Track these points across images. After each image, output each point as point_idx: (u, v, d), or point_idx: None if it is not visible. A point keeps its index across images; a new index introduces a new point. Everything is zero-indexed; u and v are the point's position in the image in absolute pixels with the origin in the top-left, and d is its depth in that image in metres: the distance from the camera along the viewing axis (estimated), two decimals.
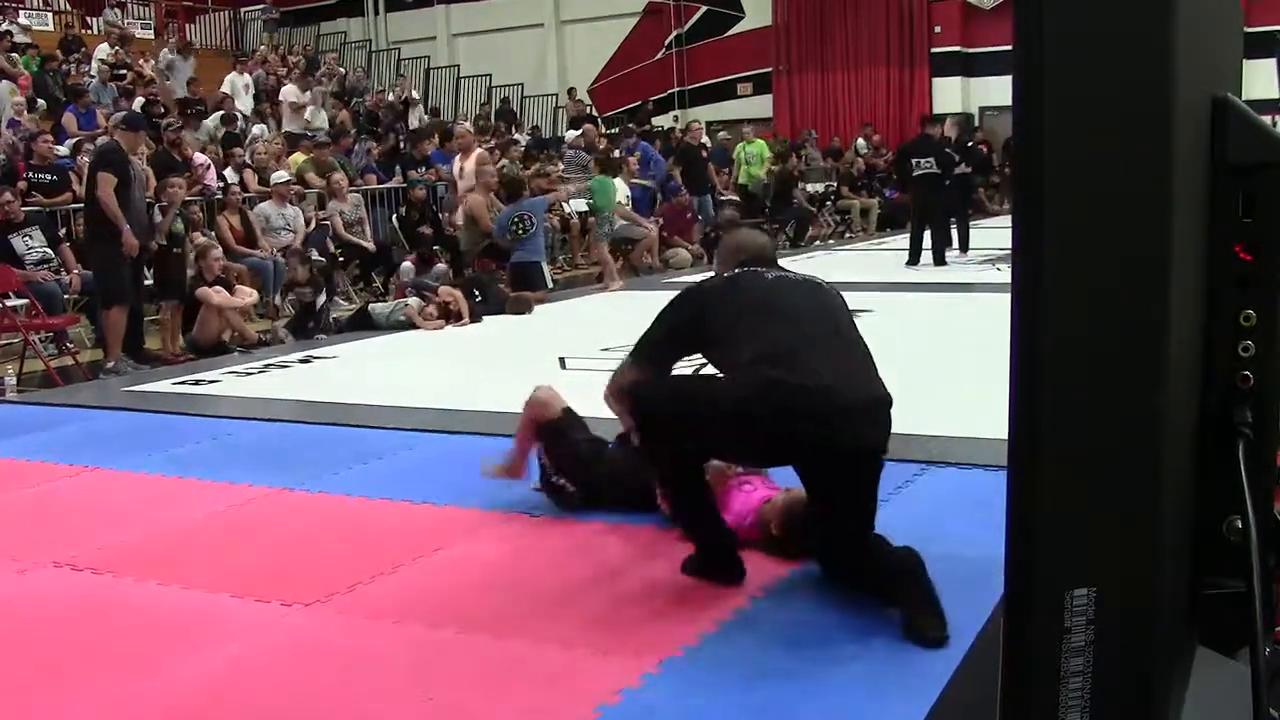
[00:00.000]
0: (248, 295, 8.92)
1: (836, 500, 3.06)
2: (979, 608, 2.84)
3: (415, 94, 18.46)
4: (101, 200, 7.36)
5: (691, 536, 3.25)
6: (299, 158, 12.67)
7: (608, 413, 3.49)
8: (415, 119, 16.93)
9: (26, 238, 8.89)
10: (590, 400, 4.79)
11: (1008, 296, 0.93)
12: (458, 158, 11.68)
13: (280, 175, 11.29)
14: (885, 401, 3.02)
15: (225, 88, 15.31)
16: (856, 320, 3.25)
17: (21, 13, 17.20)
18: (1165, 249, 0.89)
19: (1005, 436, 0.94)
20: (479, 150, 11.25)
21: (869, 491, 3.04)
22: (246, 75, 16.07)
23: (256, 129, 13.73)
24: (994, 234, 13.29)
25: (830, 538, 3.12)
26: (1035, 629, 0.93)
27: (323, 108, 15.32)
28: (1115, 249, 0.89)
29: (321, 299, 9.23)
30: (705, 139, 15.70)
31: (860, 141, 19.48)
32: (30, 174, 9.82)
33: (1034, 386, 0.91)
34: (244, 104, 15.00)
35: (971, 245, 12.52)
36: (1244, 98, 1.12)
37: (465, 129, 12.89)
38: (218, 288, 8.38)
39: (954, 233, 12.33)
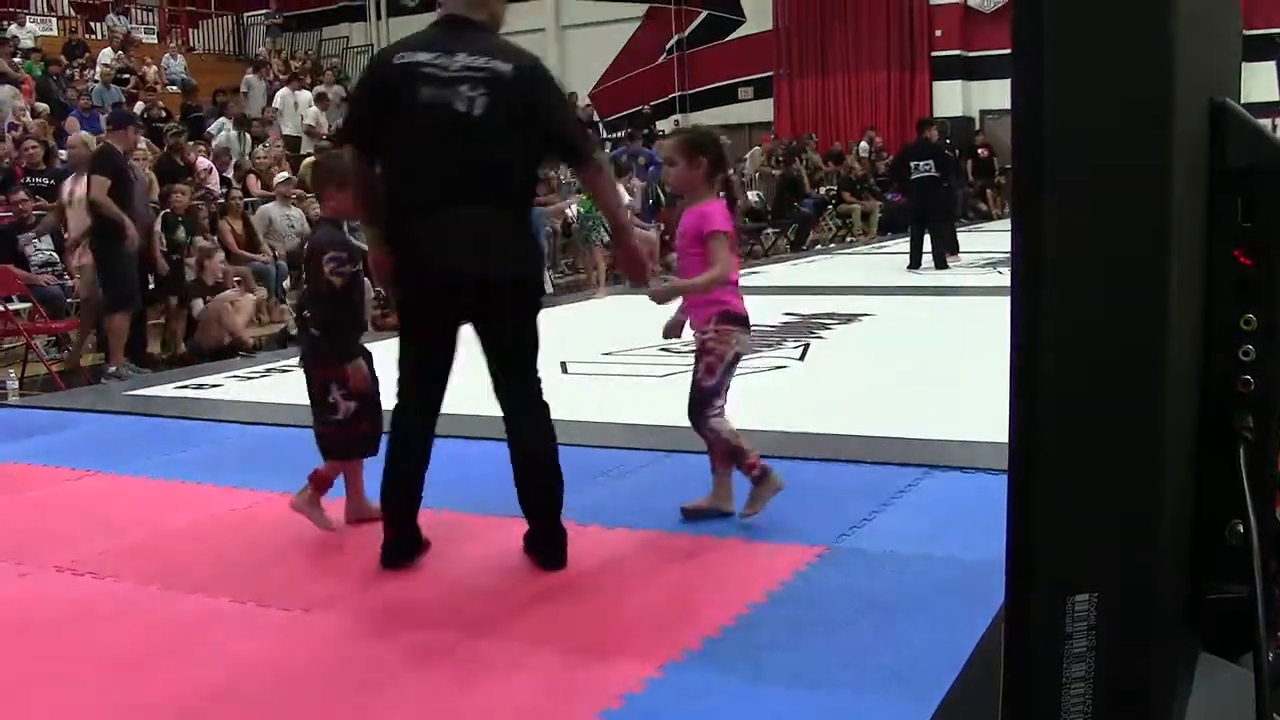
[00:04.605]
0: (249, 299, 8.94)
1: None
2: (980, 613, 2.84)
3: None
4: (97, 203, 7.36)
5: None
6: (310, 161, 12.71)
7: (605, 416, 3.49)
8: None
9: (35, 240, 8.94)
10: (591, 403, 4.78)
11: (1008, 300, 0.93)
12: (69, 180, 8.37)
13: (282, 175, 11.31)
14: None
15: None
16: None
17: (28, 19, 17.25)
18: (1165, 253, 0.89)
19: (1006, 440, 0.94)
20: (97, 177, 7.35)
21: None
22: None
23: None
24: (994, 238, 13.30)
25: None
26: (1036, 635, 0.92)
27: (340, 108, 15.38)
28: (1114, 253, 0.89)
29: None
30: None
31: (863, 145, 19.48)
32: (27, 178, 9.83)
33: (1034, 390, 0.90)
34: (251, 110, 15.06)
35: (974, 249, 12.52)
36: (1243, 101, 1.12)
37: (79, 139, 8.63)
38: (225, 296, 8.45)
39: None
